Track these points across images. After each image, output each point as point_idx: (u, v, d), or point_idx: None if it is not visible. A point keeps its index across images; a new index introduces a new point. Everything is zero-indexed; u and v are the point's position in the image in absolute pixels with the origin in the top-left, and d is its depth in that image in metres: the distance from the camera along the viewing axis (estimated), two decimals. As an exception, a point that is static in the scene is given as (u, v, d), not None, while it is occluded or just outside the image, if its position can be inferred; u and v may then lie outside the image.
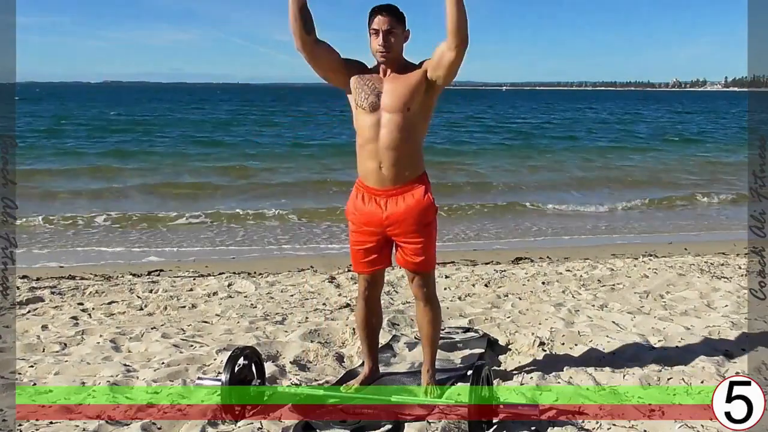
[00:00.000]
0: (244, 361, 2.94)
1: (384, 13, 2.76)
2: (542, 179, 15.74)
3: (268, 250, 8.57)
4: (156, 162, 17.49)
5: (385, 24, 2.75)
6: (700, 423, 2.74)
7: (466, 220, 10.68)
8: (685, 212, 12.06)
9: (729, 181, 15.58)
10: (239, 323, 4.48)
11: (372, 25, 2.78)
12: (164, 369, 3.44)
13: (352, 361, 3.66)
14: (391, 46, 2.77)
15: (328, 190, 13.43)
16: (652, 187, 14.70)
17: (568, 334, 4.01)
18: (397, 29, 2.77)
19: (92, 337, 4.14)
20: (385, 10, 2.77)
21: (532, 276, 6.12)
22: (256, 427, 2.75)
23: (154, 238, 9.13)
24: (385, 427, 2.73)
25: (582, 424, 2.78)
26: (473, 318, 4.53)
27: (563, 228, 10.17)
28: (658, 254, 7.60)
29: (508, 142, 25.67)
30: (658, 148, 23.82)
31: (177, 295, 5.48)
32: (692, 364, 3.45)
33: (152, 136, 25.36)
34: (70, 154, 18.69)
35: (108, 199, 12.05)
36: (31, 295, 5.35)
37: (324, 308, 4.97)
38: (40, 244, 8.52)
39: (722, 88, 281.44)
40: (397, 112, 2.79)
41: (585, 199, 12.97)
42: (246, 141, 24.20)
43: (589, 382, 3.23)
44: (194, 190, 13.30)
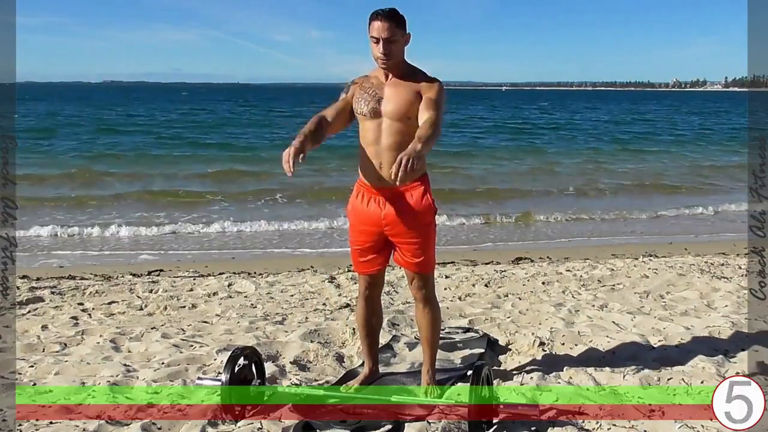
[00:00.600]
0: (244, 361, 2.94)
1: (383, 19, 2.72)
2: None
3: (268, 250, 8.57)
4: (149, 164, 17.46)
5: (384, 31, 2.71)
6: (700, 423, 2.74)
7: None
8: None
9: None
10: (239, 323, 4.48)
11: (371, 32, 2.75)
12: (164, 369, 3.44)
13: (352, 361, 3.66)
14: (391, 53, 2.75)
15: (324, 190, 13.42)
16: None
17: (568, 334, 4.01)
18: (396, 35, 2.74)
19: (92, 337, 4.14)
20: (385, 16, 2.71)
21: (532, 276, 6.12)
22: (256, 427, 2.75)
23: (154, 237, 9.14)
24: (385, 427, 2.73)
25: (582, 424, 2.78)
26: (473, 318, 4.53)
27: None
28: (658, 254, 7.60)
29: (507, 143, 25.55)
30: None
31: (177, 295, 5.49)
32: (692, 364, 3.45)
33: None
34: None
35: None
36: (31, 295, 5.35)
37: (324, 308, 4.97)
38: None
39: (722, 88, 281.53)
40: (398, 120, 2.80)
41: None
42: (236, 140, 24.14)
43: (589, 382, 3.22)
44: (189, 195, 13.23)
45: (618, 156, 21.18)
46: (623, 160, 19.93)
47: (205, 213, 11.01)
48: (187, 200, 12.29)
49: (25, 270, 6.56)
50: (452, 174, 15.91)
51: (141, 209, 11.21)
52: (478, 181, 15.25)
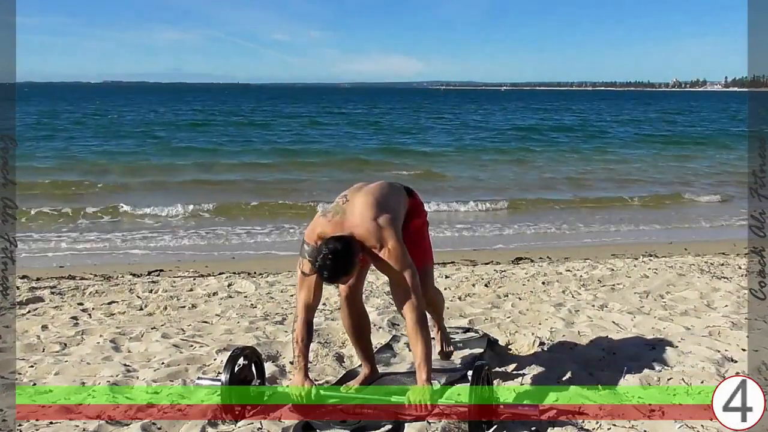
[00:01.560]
0: (244, 361, 2.94)
1: (328, 281, 2.66)
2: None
3: (268, 250, 8.57)
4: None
5: (334, 282, 2.70)
6: (700, 423, 2.74)
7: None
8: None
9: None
10: (239, 323, 4.48)
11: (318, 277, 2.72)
12: (164, 369, 3.44)
13: (352, 361, 3.66)
14: (349, 277, 2.73)
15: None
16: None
17: (568, 334, 4.02)
18: (348, 276, 2.70)
19: (92, 337, 4.14)
20: (329, 278, 2.63)
21: (532, 276, 6.12)
22: (256, 427, 2.75)
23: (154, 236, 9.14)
24: (385, 427, 2.73)
25: (582, 424, 2.78)
26: (473, 318, 4.53)
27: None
28: (658, 254, 7.60)
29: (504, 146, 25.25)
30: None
31: (177, 295, 5.48)
32: (692, 364, 3.46)
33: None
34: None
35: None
36: (31, 295, 5.35)
37: (324, 308, 4.96)
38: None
39: (722, 89, 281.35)
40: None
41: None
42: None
43: (589, 382, 3.23)
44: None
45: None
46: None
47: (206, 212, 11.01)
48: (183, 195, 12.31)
49: (25, 270, 6.56)
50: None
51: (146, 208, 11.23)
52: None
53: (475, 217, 11.26)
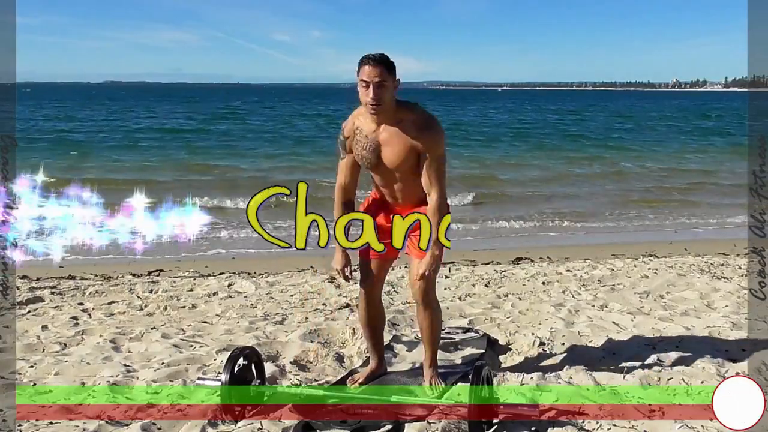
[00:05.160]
0: (244, 361, 2.94)
1: (373, 63, 2.68)
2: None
3: (268, 250, 8.56)
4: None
5: (375, 76, 2.67)
6: (700, 423, 2.74)
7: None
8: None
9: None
10: (239, 323, 4.48)
11: (361, 75, 2.71)
12: (164, 369, 3.44)
13: (352, 361, 3.66)
14: (381, 98, 2.70)
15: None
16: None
17: (568, 334, 4.02)
18: (387, 80, 2.70)
19: (92, 337, 4.14)
20: (375, 60, 2.69)
21: (532, 276, 6.12)
22: (256, 427, 2.75)
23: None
24: (385, 427, 2.73)
25: (582, 425, 2.77)
26: (473, 318, 4.53)
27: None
28: (658, 254, 7.60)
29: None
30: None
31: (177, 295, 5.48)
32: (692, 364, 3.46)
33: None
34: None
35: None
36: (31, 295, 5.35)
37: (324, 308, 4.97)
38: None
39: (722, 89, 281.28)
40: (397, 169, 2.87)
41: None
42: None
43: (589, 382, 3.22)
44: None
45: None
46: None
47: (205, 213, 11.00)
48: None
49: (25, 270, 6.55)
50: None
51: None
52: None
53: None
